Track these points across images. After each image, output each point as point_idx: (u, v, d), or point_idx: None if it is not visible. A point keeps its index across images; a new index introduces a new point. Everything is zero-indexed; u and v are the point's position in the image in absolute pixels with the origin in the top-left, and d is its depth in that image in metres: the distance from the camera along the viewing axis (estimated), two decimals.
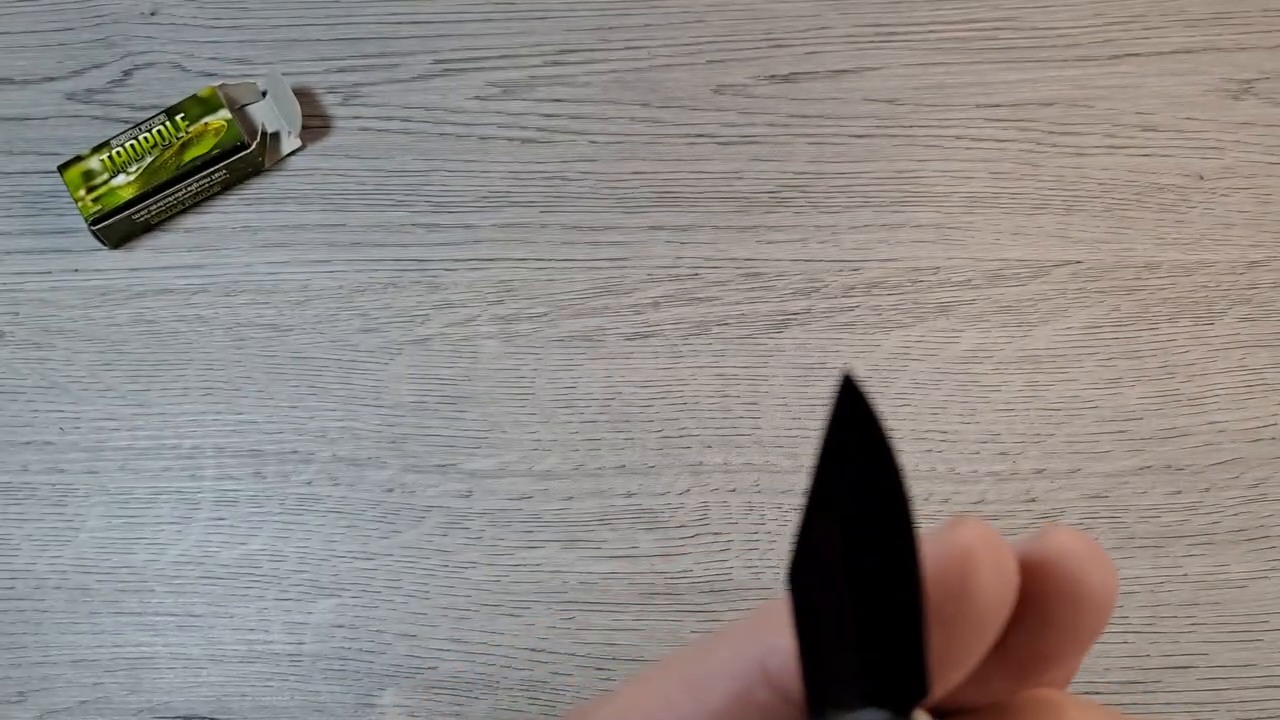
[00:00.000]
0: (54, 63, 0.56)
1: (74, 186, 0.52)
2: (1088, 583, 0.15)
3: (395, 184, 0.54)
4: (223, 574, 0.49)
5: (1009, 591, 0.14)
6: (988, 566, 0.14)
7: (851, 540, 0.14)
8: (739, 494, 0.49)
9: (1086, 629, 0.15)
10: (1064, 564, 0.15)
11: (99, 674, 0.47)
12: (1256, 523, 0.49)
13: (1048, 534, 0.15)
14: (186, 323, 0.52)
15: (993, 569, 0.14)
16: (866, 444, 0.14)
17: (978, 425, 0.50)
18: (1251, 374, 0.51)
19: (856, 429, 0.14)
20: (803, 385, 0.51)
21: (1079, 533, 0.15)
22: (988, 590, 0.14)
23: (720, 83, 0.56)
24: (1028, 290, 0.52)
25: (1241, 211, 0.53)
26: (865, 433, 0.14)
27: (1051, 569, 0.15)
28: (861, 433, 0.14)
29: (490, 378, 0.51)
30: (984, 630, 0.14)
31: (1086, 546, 0.15)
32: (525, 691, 0.47)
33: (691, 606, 0.48)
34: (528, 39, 0.56)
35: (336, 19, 0.57)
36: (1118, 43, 0.56)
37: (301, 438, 0.50)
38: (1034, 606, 0.15)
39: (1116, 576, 0.15)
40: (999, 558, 0.14)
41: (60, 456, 0.50)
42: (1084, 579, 0.15)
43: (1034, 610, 0.15)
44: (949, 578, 0.14)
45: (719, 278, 0.52)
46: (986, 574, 0.14)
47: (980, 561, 0.14)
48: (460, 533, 0.49)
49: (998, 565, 0.14)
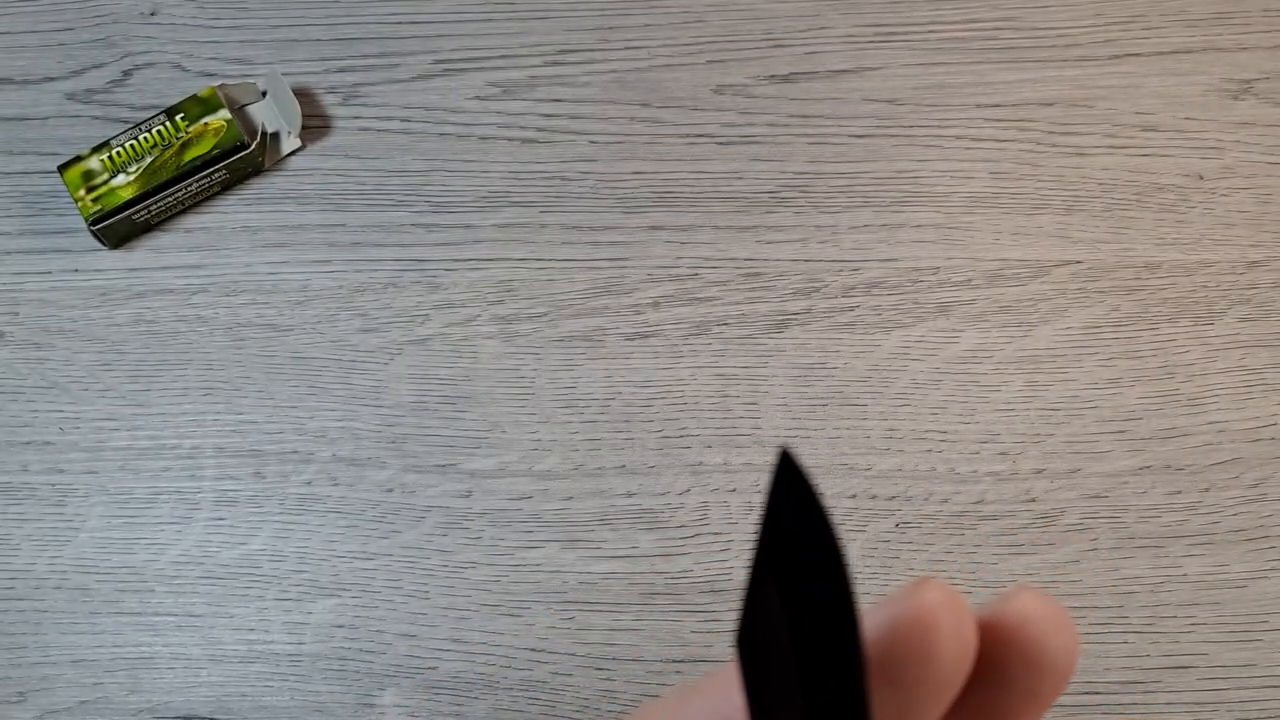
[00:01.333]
0: (54, 63, 0.56)
1: (74, 186, 0.52)
2: (1049, 647, 0.15)
3: (395, 184, 0.54)
4: (223, 574, 0.49)
5: (968, 655, 0.14)
6: (948, 630, 0.14)
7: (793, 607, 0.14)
8: (739, 494, 0.49)
9: (1045, 692, 0.15)
10: (1025, 629, 0.15)
11: (99, 674, 0.47)
12: (1256, 523, 0.49)
13: (1011, 597, 0.15)
14: (186, 323, 0.52)
15: (953, 633, 0.14)
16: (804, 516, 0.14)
17: (978, 425, 0.50)
18: (1251, 374, 0.51)
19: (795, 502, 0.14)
20: (803, 385, 0.51)
21: (1043, 596, 0.15)
22: (947, 654, 0.14)
23: (720, 83, 0.56)
24: (1028, 290, 0.52)
25: (1241, 211, 0.53)
26: (803, 505, 0.14)
27: (1013, 633, 0.15)
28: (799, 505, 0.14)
29: (490, 378, 0.51)
30: (942, 692, 0.14)
31: (1049, 611, 0.15)
32: (525, 691, 0.47)
33: (691, 606, 0.48)
34: (528, 39, 0.56)
35: (336, 19, 0.57)
36: (1118, 43, 0.56)
37: (301, 438, 0.50)
38: (994, 668, 0.15)
39: (1078, 641, 0.15)
40: (959, 622, 0.14)
41: (60, 456, 0.50)
42: (1045, 643, 0.15)
43: (994, 672, 0.15)
44: (909, 640, 0.14)
45: (719, 278, 0.52)
46: (946, 638, 0.14)
47: (940, 625, 0.14)
48: (460, 533, 0.49)
49: (957, 629, 0.14)
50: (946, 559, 0.48)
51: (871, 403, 0.50)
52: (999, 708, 0.15)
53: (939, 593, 0.14)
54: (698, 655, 0.47)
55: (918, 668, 0.14)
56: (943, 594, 0.14)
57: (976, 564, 0.48)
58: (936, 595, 0.14)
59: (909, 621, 0.14)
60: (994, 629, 0.15)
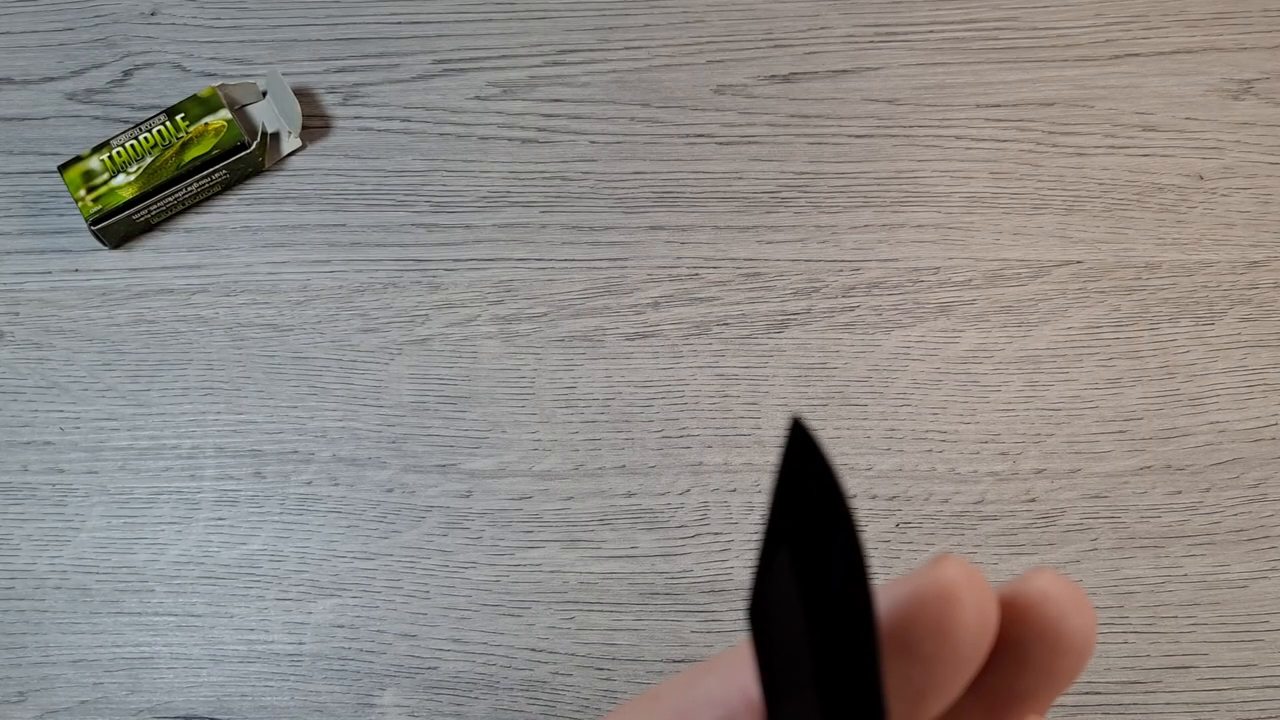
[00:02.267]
0: (54, 63, 0.56)
1: (74, 186, 0.52)
2: (1067, 628, 0.15)
3: (395, 184, 0.54)
4: (223, 574, 0.49)
5: (988, 631, 0.14)
6: (969, 605, 0.14)
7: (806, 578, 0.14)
8: (739, 494, 0.49)
9: (1063, 672, 0.15)
10: (1044, 608, 0.15)
11: (99, 674, 0.47)
12: (1256, 523, 0.49)
13: (1030, 577, 0.15)
14: (186, 323, 0.52)
15: (973, 608, 0.14)
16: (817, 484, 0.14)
17: (978, 425, 0.50)
18: (1252, 374, 0.51)
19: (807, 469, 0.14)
20: (803, 385, 0.51)
21: (1061, 577, 0.15)
22: (967, 628, 0.14)
23: (720, 83, 0.56)
24: (1028, 290, 0.52)
25: (1241, 211, 0.53)
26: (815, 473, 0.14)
27: (1032, 612, 0.15)
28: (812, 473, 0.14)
29: (490, 378, 0.51)
30: (961, 667, 0.14)
31: (1068, 591, 0.15)
32: (525, 691, 0.47)
33: (691, 606, 0.48)
34: (528, 39, 0.56)
35: (336, 19, 0.57)
36: (1118, 43, 0.56)
37: (301, 438, 0.50)
38: (1012, 647, 0.15)
39: (1095, 622, 0.15)
40: (980, 597, 0.14)
41: (60, 456, 0.50)
42: (1063, 624, 0.15)
43: (1012, 651, 0.15)
44: (930, 614, 0.14)
45: (719, 278, 0.52)
46: (967, 612, 0.14)
47: (962, 600, 0.14)
48: (460, 533, 0.49)
49: (978, 604, 0.14)
50: None
51: (871, 403, 0.50)
52: (1016, 687, 0.15)
53: (959, 568, 0.14)
54: (698, 655, 0.47)
55: (937, 641, 0.14)
56: (963, 569, 0.14)
57: (977, 564, 0.48)
58: (957, 570, 0.14)
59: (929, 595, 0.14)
60: (1013, 607, 0.15)
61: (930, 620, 0.14)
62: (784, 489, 0.14)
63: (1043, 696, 0.15)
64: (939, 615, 0.14)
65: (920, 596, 0.14)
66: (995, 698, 0.15)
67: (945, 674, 0.14)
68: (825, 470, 0.14)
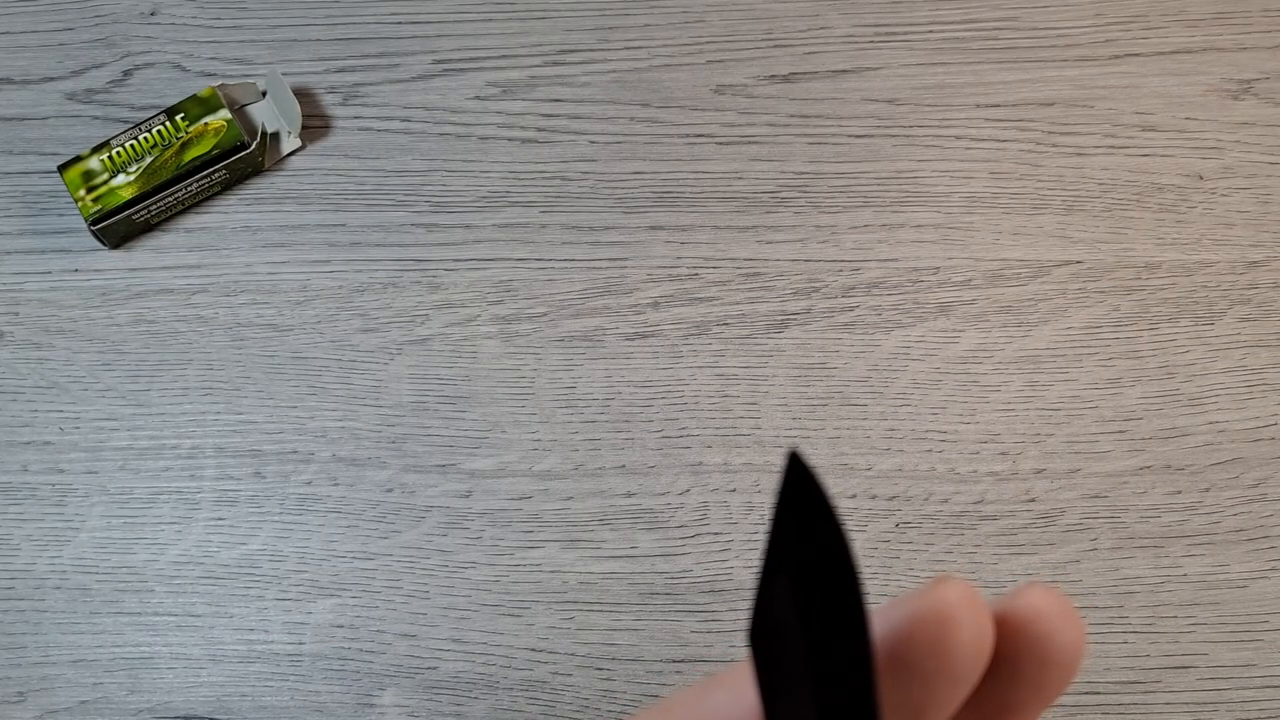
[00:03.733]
0: (54, 63, 0.56)
1: (74, 186, 0.52)
2: (1057, 642, 0.15)
3: (395, 184, 0.54)
4: (223, 574, 0.49)
5: (985, 650, 0.15)
6: (967, 626, 0.15)
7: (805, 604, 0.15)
8: (739, 494, 0.49)
9: (1052, 685, 0.16)
10: (1035, 624, 0.15)
11: (99, 674, 0.47)
12: (1256, 523, 0.49)
13: (1021, 592, 0.16)
14: (186, 323, 0.52)
15: (971, 629, 0.15)
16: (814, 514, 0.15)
17: (978, 425, 0.50)
18: (1252, 374, 0.51)
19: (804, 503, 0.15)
20: (803, 385, 0.51)
21: (1052, 591, 0.16)
22: (966, 649, 0.15)
23: (720, 83, 0.56)
24: (1028, 290, 0.52)
25: (1241, 211, 0.53)
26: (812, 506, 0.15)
27: (1024, 627, 0.15)
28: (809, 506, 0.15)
29: (490, 378, 0.51)
30: (959, 685, 0.15)
31: (1058, 606, 0.16)
32: (525, 691, 0.47)
33: (691, 606, 0.48)
34: (528, 39, 0.56)
35: (336, 19, 0.57)
36: (1118, 43, 0.56)
37: (301, 438, 0.50)
38: (1004, 661, 0.16)
39: (1085, 636, 0.16)
40: (978, 618, 0.15)
41: (60, 456, 0.50)
42: (1053, 638, 0.15)
43: (1004, 665, 0.16)
44: (930, 634, 0.15)
45: (719, 278, 0.52)
46: (965, 633, 0.15)
47: (961, 621, 0.15)
48: (460, 533, 0.49)
49: (976, 625, 0.15)
50: (946, 559, 0.48)
51: (871, 403, 0.50)
52: (1007, 699, 0.16)
53: (960, 589, 0.15)
54: (698, 655, 0.47)
55: (936, 659, 0.15)
56: (963, 590, 0.15)
57: (977, 564, 0.48)
58: (958, 591, 0.15)
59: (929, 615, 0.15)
60: (1005, 623, 0.15)
61: (930, 640, 0.15)
62: (782, 520, 0.15)
63: (1033, 708, 0.16)
64: (938, 636, 0.15)
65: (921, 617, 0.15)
66: (987, 710, 0.16)
67: (943, 692, 0.15)
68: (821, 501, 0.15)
